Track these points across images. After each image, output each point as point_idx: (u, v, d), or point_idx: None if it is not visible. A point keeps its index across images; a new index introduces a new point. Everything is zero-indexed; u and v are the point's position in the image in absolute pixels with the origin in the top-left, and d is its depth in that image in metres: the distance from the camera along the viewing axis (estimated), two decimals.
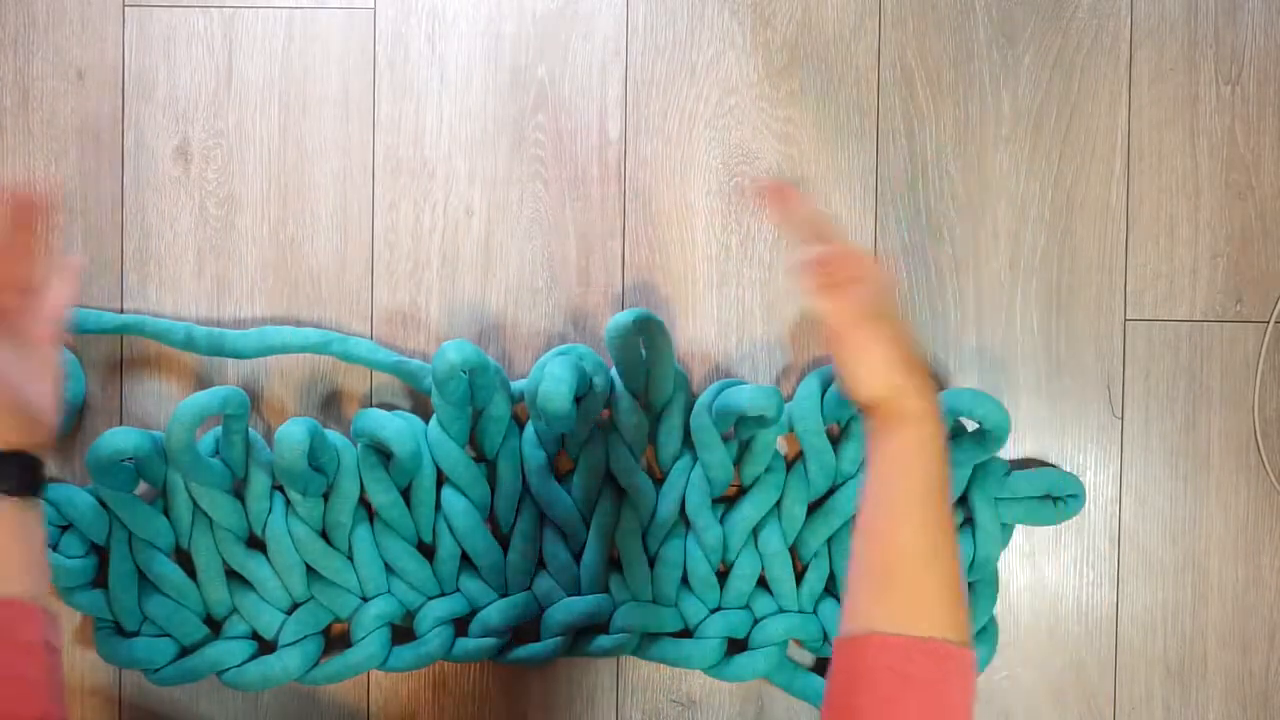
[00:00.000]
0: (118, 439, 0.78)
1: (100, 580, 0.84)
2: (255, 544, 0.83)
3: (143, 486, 0.83)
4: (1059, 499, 0.83)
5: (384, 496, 0.81)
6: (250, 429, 0.81)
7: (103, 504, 0.82)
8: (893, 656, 0.56)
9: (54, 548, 0.82)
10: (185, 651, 0.83)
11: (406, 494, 0.82)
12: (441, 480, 0.83)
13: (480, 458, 0.84)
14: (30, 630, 0.63)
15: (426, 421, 0.83)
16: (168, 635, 0.83)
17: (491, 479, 0.83)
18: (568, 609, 0.82)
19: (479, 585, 0.83)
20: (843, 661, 0.58)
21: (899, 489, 0.59)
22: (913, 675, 0.56)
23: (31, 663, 0.63)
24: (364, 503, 0.83)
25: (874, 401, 0.62)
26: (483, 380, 0.80)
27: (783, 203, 0.67)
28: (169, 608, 0.82)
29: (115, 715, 0.86)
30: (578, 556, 0.84)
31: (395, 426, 0.79)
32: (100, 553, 0.84)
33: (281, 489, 0.82)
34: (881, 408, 0.61)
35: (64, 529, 0.83)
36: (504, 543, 0.83)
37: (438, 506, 0.83)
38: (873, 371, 0.61)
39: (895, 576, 0.58)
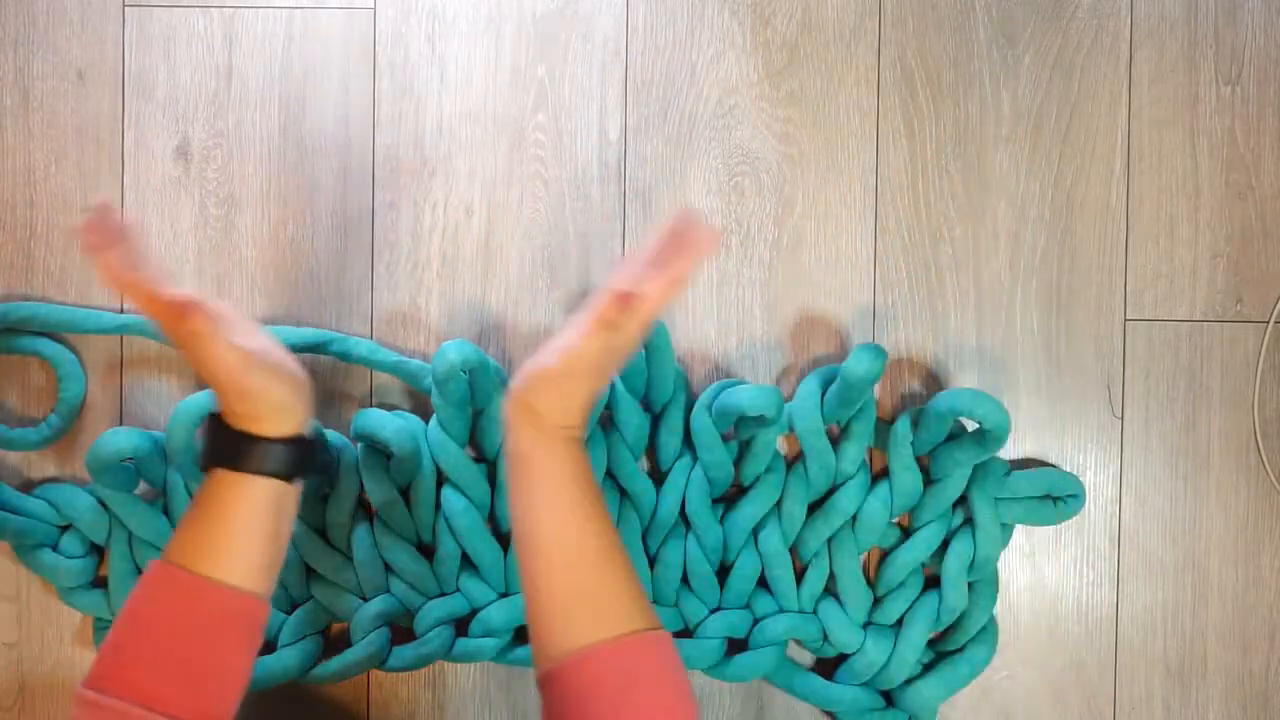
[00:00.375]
0: (118, 439, 0.78)
1: (100, 580, 0.84)
2: None
3: (143, 486, 0.83)
4: (1059, 499, 0.83)
5: (384, 496, 0.81)
6: None
7: (103, 504, 0.82)
8: (602, 664, 0.58)
9: (54, 548, 0.83)
10: None
11: (406, 494, 0.82)
12: (441, 480, 0.83)
13: (480, 458, 0.84)
14: (240, 631, 0.63)
15: (426, 421, 0.83)
16: None
17: (491, 479, 0.83)
18: None
19: (479, 585, 0.83)
20: (561, 688, 0.60)
21: (557, 501, 0.62)
22: (627, 671, 0.58)
23: (242, 668, 0.63)
24: (364, 503, 0.83)
25: (555, 424, 0.64)
26: (483, 380, 0.80)
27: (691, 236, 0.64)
28: None
29: None
30: None
31: (395, 426, 0.79)
32: (100, 553, 0.84)
33: None
34: (556, 432, 0.64)
35: (64, 529, 0.83)
36: (504, 543, 0.83)
37: (438, 506, 0.83)
38: (579, 401, 0.64)
39: (573, 591, 0.61)
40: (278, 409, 0.64)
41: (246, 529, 0.63)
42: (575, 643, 0.59)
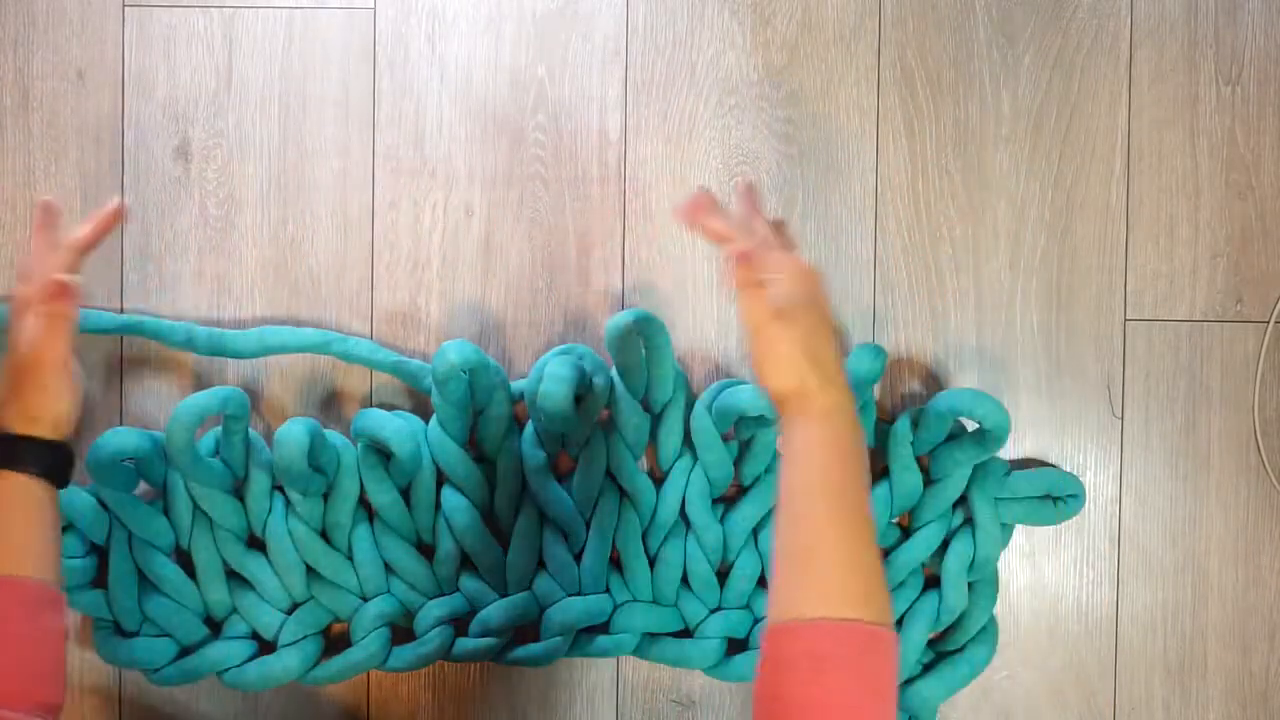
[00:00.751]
0: (118, 439, 0.78)
1: (100, 580, 0.84)
2: (255, 544, 0.83)
3: (143, 486, 0.83)
4: (1059, 499, 0.83)
5: (384, 497, 0.81)
6: (250, 429, 0.81)
7: (103, 504, 0.82)
8: (811, 640, 0.58)
9: None
10: (185, 651, 0.83)
11: (406, 494, 0.82)
12: (441, 480, 0.83)
13: (480, 458, 0.84)
14: (51, 616, 0.66)
15: (426, 421, 0.83)
16: (168, 635, 0.83)
17: (491, 479, 0.83)
18: (568, 609, 0.82)
19: (479, 585, 0.83)
20: (768, 650, 0.60)
21: (809, 481, 0.61)
22: (830, 655, 0.57)
23: (49, 648, 0.66)
24: (364, 503, 0.83)
25: (781, 395, 0.63)
26: (483, 380, 0.80)
27: (695, 215, 0.68)
28: (169, 608, 0.82)
29: (115, 715, 0.86)
30: (578, 556, 0.84)
31: (395, 426, 0.79)
32: (100, 553, 0.84)
33: (281, 489, 0.82)
34: (788, 402, 0.63)
35: (64, 529, 0.83)
36: (504, 543, 0.83)
37: (438, 506, 0.83)
38: (777, 367, 0.63)
39: (811, 563, 0.60)
40: (63, 411, 0.68)
41: (27, 525, 0.66)
42: (798, 611, 0.59)
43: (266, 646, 0.84)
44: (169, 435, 0.77)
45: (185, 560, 0.83)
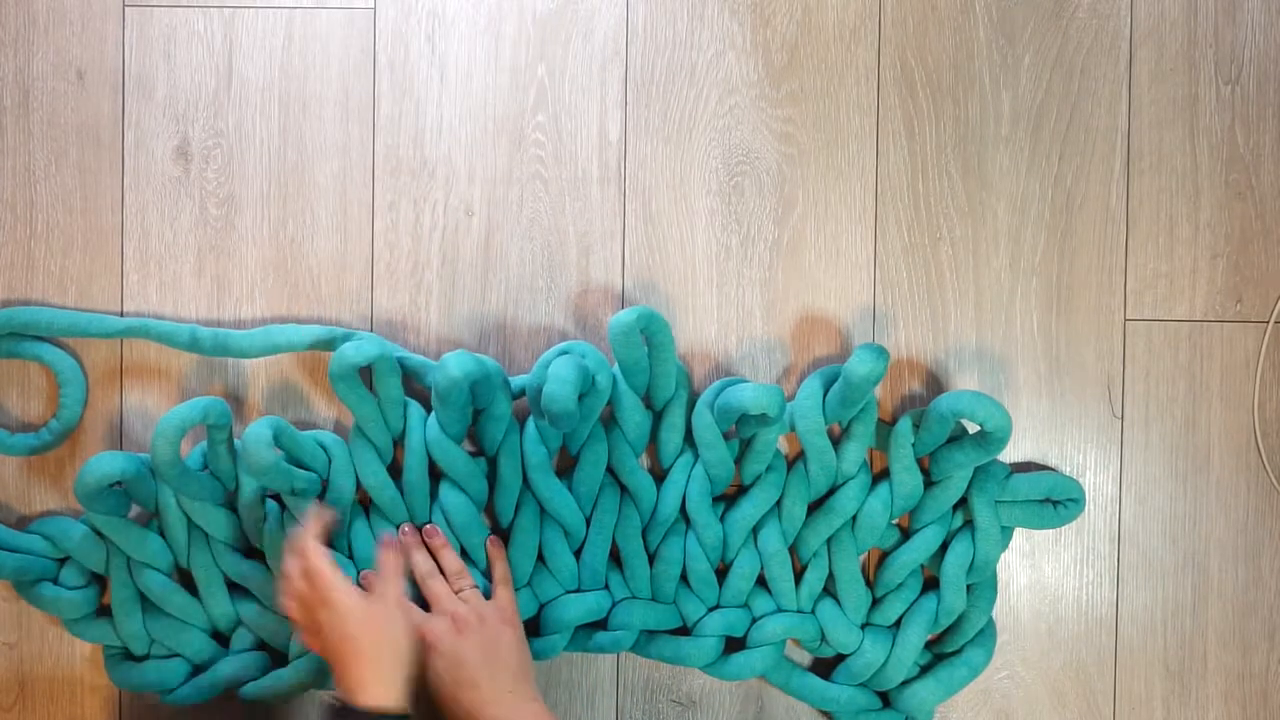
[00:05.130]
0: (103, 464, 0.77)
1: (104, 609, 0.84)
2: (254, 553, 0.83)
3: (135, 510, 0.82)
4: (1059, 503, 0.83)
5: (374, 478, 0.81)
6: (235, 438, 0.81)
7: (97, 532, 0.81)
8: None
9: (54, 581, 0.82)
10: (197, 670, 0.83)
11: (399, 483, 0.82)
12: (439, 476, 0.83)
13: (480, 453, 0.84)
14: None
15: (428, 412, 0.83)
16: (178, 655, 0.83)
17: (492, 475, 0.83)
18: (567, 605, 0.82)
19: (479, 582, 0.83)
20: None
21: None
22: None
23: None
24: (361, 502, 0.83)
25: None
26: (484, 388, 0.80)
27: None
28: (174, 627, 0.82)
29: (115, 715, 0.86)
30: (578, 553, 0.84)
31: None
32: (101, 581, 0.84)
33: (277, 496, 0.82)
34: None
35: (62, 561, 0.82)
36: (504, 539, 0.83)
37: (433, 498, 0.82)
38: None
39: None
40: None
41: None
42: None
43: (277, 655, 0.83)
44: (154, 450, 0.76)
45: (186, 578, 0.83)
